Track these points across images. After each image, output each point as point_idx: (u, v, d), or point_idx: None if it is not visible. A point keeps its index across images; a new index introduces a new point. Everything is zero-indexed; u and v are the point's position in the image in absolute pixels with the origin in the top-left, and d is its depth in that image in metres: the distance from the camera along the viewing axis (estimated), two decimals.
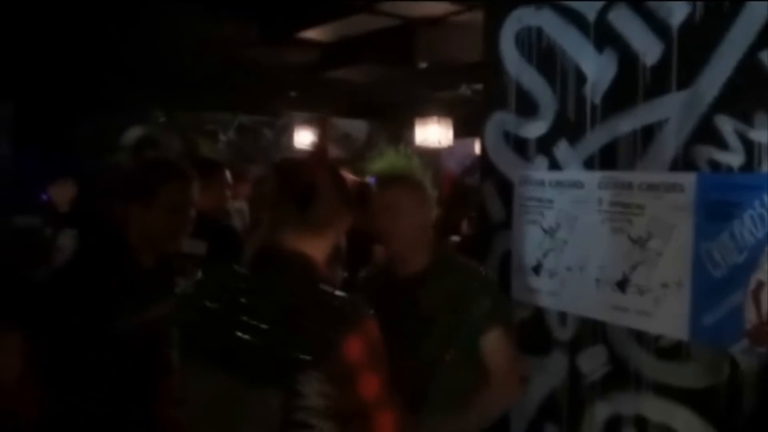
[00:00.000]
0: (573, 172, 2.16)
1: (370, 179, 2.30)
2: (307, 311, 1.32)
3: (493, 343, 1.90)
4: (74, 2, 4.41)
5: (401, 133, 8.45)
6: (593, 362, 2.09)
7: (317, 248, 1.46)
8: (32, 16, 4.64)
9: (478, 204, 2.54)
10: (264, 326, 1.34)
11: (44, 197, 4.94)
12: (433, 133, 7.31)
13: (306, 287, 1.37)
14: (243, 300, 1.40)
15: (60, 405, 1.89)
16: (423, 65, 5.62)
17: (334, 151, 9.10)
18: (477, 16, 2.69)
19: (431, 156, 6.88)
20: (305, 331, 1.30)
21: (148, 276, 2.09)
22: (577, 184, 2.14)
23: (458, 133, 7.40)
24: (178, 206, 2.10)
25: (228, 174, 3.49)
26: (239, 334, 1.35)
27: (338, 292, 1.37)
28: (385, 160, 2.06)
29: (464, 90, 6.49)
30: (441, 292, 1.90)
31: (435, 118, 7.31)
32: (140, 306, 2.01)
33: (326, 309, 1.33)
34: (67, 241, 3.63)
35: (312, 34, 5.29)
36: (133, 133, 5.08)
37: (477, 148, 3.37)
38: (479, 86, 2.67)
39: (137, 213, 2.08)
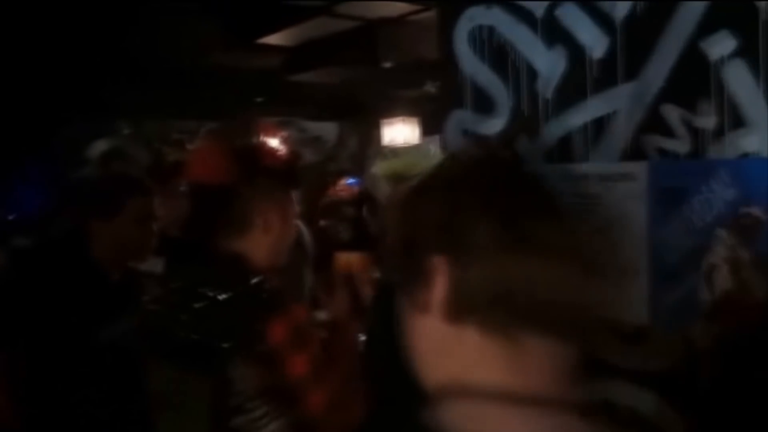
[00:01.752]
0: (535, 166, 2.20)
1: (350, 181, 2.29)
2: (234, 303, 1.42)
3: None
4: (39, 12, 4.38)
5: (371, 133, 8.48)
6: None
7: (253, 247, 1.55)
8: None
9: None
10: (195, 320, 1.44)
11: (9, 217, 4.88)
12: (399, 132, 7.35)
13: (234, 283, 1.46)
14: (179, 298, 1.51)
15: (38, 414, 1.91)
16: (387, 65, 5.66)
17: (305, 154, 9.11)
18: (435, 15, 2.72)
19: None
20: (231, 321, 1.41)
21: (116, 289, 2.11)
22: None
23: (426, 131, 7.45)
24: (142, 220, 2.12)
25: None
26: (176, 329, 1.47)
27: (268, 284, 1.47)
28: (400, 160, 2.03)
29: (429, 87, 6.54)
30: None
31: (401, 117, 7.36)
32: (109, 318, 2.03)
33: (252, 300, 1.43)
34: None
35: (275, 39, 5.31)
36: (98, 147, 5.04)
37: None
38: None
39: (102, 227, 2.10)
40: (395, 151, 1.92)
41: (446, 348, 0.59)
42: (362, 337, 2.18)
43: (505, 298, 0.58)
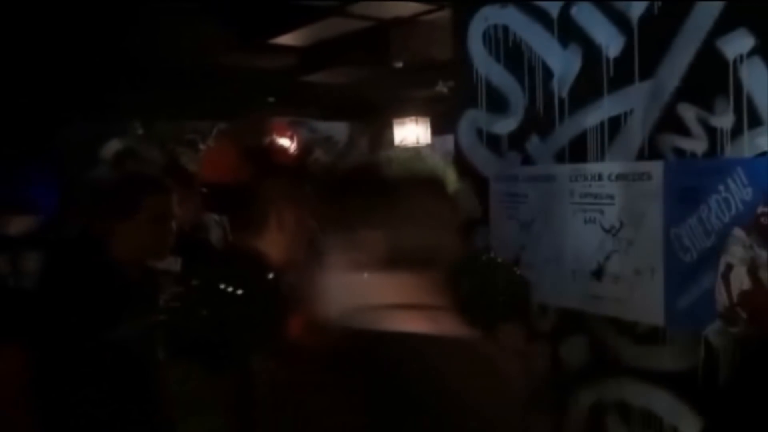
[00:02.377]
0: (545, 166, 2.20)
1: None
2: (253, 299, 1.45)
3: (505, 337, 1.83)
4: (50, 12, 4.42)
5: (382, 133, 8.48)
6: (574, 351, 2.13)
7: (269, 245, 1.57)
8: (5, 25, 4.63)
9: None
10: (215, 317, 1.47)
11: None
12: (411, 132, 7.35)
13: (253, 279, 1.49)
14: (198, 296, 1.53)
15: (55, 412, 1.93)
16: (398, 65, 5.66)
17: (317, 155, 9.13)
18: (448, 15, 2.73)
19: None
20: (250, 317, 1.44)
21: (135, 288, 2.12)
22: (549, 178, 2.18)
23: (436, 131, 7.44)
24: (159, 218, 2.13)
25: None
26: (196, 327, 1.48)
27: (286, 280, 1.49)
28: (399, 163, 2.02)
29: (441, 87, 6.53)
30: (465, 290, 1.84)
31: (412, 118, 7.36)
32: (130, 316, 2.04)
33: (270, 296, 1.47)
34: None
35: (287, 39, 5.32)
36: (111, 147, 5.06)
37: None
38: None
39: (120, 227, 2.11)
40: (396, 155, 1.89)
41: (362, 285, 0.98)
42: None
43: (394, 251, 0.96)
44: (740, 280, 1.73)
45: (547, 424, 2.22)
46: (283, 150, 1.65)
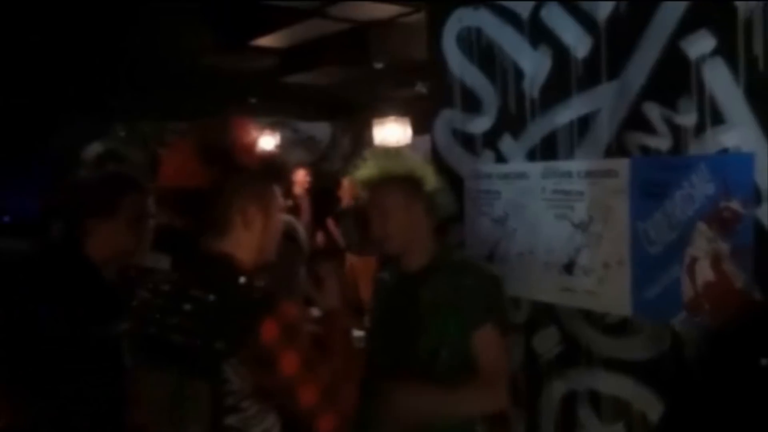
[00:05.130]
0: (517, 164, 2.26)
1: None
2: (225, 304, 1.44)
3: (484, 341, 1.85)
4: (36, 15, 4.41)
5: (363, 133, 8.52)
6: (547, 343, 2.19)
7: (238, 246, 1.56)
8: None
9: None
10: (185, 322, 1.46)
11: (5, 219, 4.89)
12: (391, 132, 7.40)
13: (224, 283, 1.48)
14: (169, 302, 1.53)
15: (32, 411, 1.94)
16: (378, 66, 5.71)
17: (300, 154, 9.13)
18: (425, 17, 2.77)
19: None
20: (222, 322, 1.42)
21: (111, 288, 2.14)
22: (522, 175, 2.24)
23: (417, 131, 7.50)
24: (137, 218, 2.15)
25: None
26: (169, 333, 1.48)
27: (257, 284, 1.47)
28: (371, 165, 2.01)
29: (420, 88, 6.59)
30: (439, 290, 1.89)
31: (392, 117, 7.40)
32: (106, 317, 2.06)
33: (242, 300, 1.44)
34: None
35: (267, 41, 5.35)
36: (93, 150, 5.05)
37: None
38: None
39: (96, 227, 2.12)
40: (373, 155, 1.86)
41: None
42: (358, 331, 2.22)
43: None
44: (704, 272, 1.80)
45: (521, 415, 2.28)
46: (246, 148, 1.61)
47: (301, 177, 7.32)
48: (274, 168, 1.64)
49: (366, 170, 1.98)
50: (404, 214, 1.91)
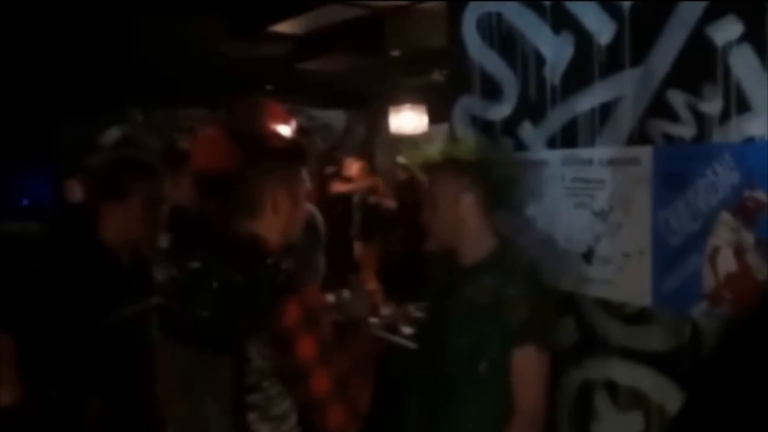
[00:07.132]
0: (537, 151, 2.23)
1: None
2: (250, 284, 1.47)
3: (524, 365, 1.79)
4: (49, 6, 4.42)
5: (378, 120, 8.50)
6: (564, 331, 2.17)
7: (266, 229, 1.59)
8: (5, 19, 4.64)
9: None
10: (212, 301, 1.50)
11: (24, 202, 4.95)
12: (407, 120, 7.37)
13: (251, 264, 1.51)
14: (197, 280, 1.56)
15: (47, 396, 1.96)
16: (395, 53, 5.67)
17: (315, 141, 9.14)
18: (444, 4, 2.74)
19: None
20: (247, 301, 1.45)
21: (125, 271, 2.15)
22: (542, 163, 2.22)
23: (433, 119, 7.46)
24: (149, 201, 2.16)
25: None
26: (194, 310, 1.52)
27: (284, 266, 1.50)
28: (430, 148, 1.97)
29: (437, 76, 6.55)
30: (482, 291, 1.82)
31: (408, 105, 7.37)
32: (121, 300, 2.08)
33: (267, 281, 1.47)
34: None
35: (283, 27, 5.33)
36: (110, 135, 5.10)
37: None
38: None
39: (110, 210, 2.13)
40: (419, 140, 1.87)
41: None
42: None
43: None
44: (727, 263, 1.78)
45: None
46: (275, 132, 1.65)
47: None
48: (302, 152, 1.67)
49: (425, 153, 1.95)
50: (454, 202, 1.85)
